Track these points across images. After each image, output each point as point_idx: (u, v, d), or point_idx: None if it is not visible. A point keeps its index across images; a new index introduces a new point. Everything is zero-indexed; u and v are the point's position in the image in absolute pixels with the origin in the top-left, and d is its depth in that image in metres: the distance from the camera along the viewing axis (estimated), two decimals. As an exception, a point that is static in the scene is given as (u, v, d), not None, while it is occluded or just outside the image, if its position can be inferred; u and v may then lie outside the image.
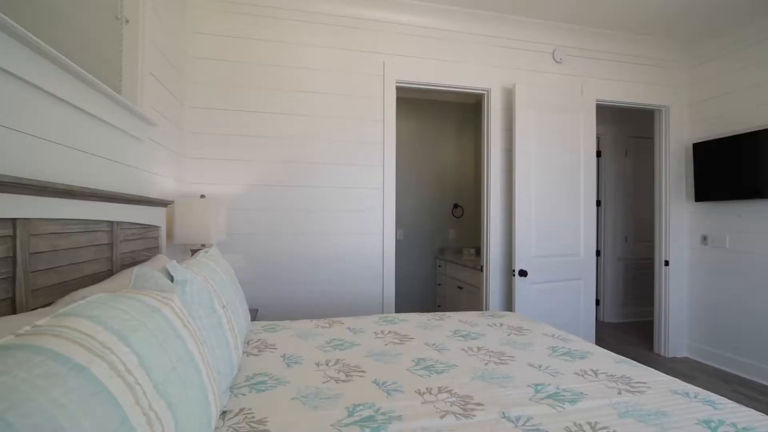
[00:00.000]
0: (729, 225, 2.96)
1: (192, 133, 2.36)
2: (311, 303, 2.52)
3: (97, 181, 1.32)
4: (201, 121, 2.37)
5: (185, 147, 2.35)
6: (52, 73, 1.03)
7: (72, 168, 1.17)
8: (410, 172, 4.26)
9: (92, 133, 1.29)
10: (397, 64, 2.65)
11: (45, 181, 0.91)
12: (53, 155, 1.08)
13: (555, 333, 1.73)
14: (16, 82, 0.93)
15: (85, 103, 1.20)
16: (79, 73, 1.10)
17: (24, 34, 0.87)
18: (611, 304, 4.37)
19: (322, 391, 1.13)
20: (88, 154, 1.26)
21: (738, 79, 2.91)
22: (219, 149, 2.40)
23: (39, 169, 1.01)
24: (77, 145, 1.20)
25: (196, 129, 2.37)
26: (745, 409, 1.07)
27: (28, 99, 0.97)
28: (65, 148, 1.14)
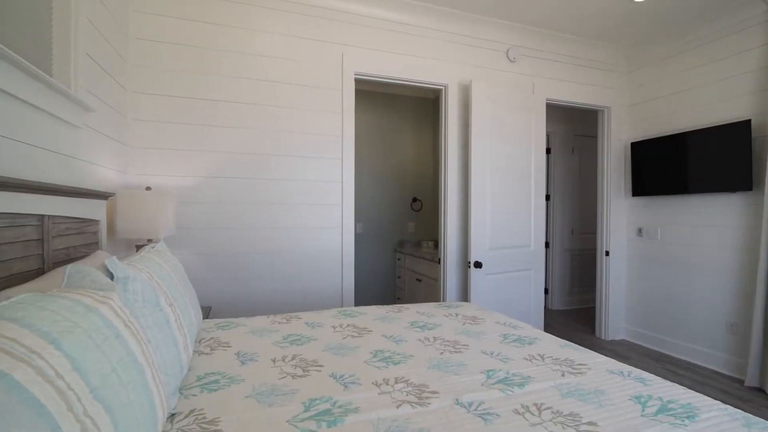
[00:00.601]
0: (661, 218, 3.23)
1: (137, 121, 2.21)
2: (268, 299, 2.47)
3: (25, 171, 1.20)
4: (147, 108, 2.22)
5: (129, 136, 2.20)
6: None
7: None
8: (370, 166, 4.26)
9: (17, 117, 1.17)
10: (356, 56, 2.63)
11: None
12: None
13: (506, 321, 1.81)
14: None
15: (8, 84, 1.08)
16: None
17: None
18: (559, 292, 4.64)
19: (278, 387, 1.11)
20: (13, 141, 1.14)
21: (670, 84, 3.17)
22: (167, 138, 2.26)
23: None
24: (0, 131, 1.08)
25: (141, 116, 2.22)
26: (670, 384, 1.18)
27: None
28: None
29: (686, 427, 0.94)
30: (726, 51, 2.80)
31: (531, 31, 3.05)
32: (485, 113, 2.78)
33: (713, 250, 2.87)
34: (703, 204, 2.93)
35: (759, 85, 2.61)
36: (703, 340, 2.94)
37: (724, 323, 2.81)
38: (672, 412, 1.01)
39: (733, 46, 2.75)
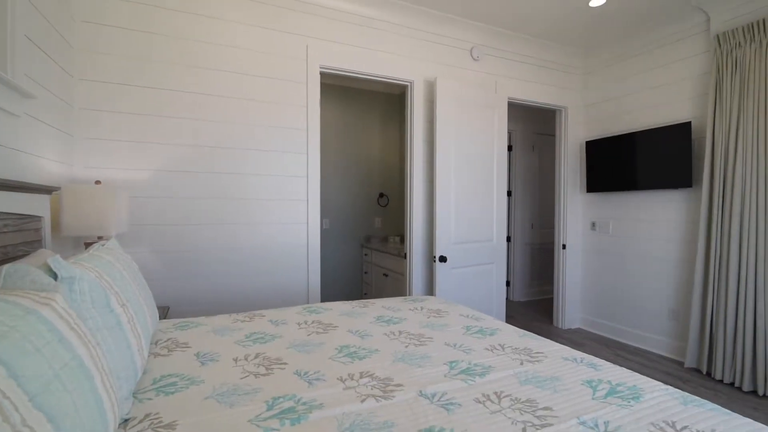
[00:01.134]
0: (612, 213, 3.43)
1: (86, 110, 2.07)
2: (231, 297, 2.39)
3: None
4: (97, 96, 2.08)
5: (77, 126, 2.05)
6: None
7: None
8: (336, 161, 4.22)
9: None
10: (321, 49, 2.59)
11: None
12: None
13: (469, 313, 1.86)
14: None
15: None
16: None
17: None
18: (520, 284, 4.82)
19: (239, 387, 1.09)
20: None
21: (621, 87, 3.35)
22: (120, 130, 2.13)
23: None
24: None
25: (90, 105, 2.08)
26: (618, 369, 1.26)
27: None
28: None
29: (632, 407, 1.01)
30: (671, 57, 2.99)
31: (494, 32, 3.13)
32: (450, 110, 2.82)
33: (658, 242, 3.09)
34: (650, 199, 3.14)
35: (699, 90, 2.82)
36: (649, 326, 3.16)
37: (667, 310, 3.03)
38: (620, 394, 1.08)
39: (677, 52, 2.95)
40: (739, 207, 2.48)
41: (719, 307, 2.57)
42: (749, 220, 2.43)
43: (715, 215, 2.60)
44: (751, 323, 2.42)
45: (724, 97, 2.56)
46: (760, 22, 2.39)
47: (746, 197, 2.45)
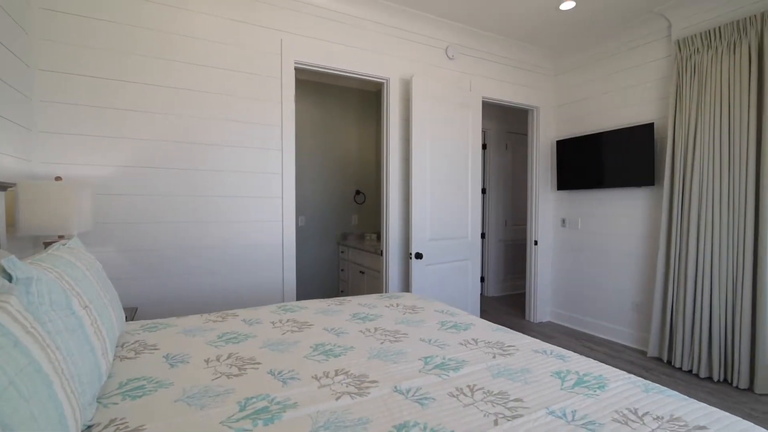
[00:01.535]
0: (581, 210, 3.56)
1: (45, 103, 1.96)
2: (203, 297, 2.33)
3: None
4: (57, 88, 1.97)
5: (35, 119, 1.94)
6: None
7: None
8: (312, 158, 4.18)
9: None
10: (296, 44, 2.55)
11: None
12: None
13: (444, 309, 1.89)
14: None
15: None
16: None
17: None
18: (494, 280, 4.93)
19: (211, 388, 1.06)
20: None
21: (589, 88, 3.47)
22: (83, 123, 2.03)
23: None
24: None
25: (50, 98, 1.97)
26: (585, 359, 1.31)
27: None
28: None
29: (597, 396, 1.05)
30: (636, 60, 3.12)
31: (469, 31, 3.17)
32: (426, 108, 2.84)
33: (623, 238, 3.22)
34: (616, 197, 3.27)
35: (661, 93, 2.95)
36: (615, 318, 3.30)
37: (631, 302, 3.18)
38: (586, 384, 1.13)
39: (642, 56, 3.08)
40: (696, 204, 2.62)
41: (679, 299, 2.72)
42: (706, 217, 2.57)
43: (675, 212, 2.74)
44: (707, 314, 2.56)
45: (684, 100, 2.69)
46: (716, 30, 2.53)
47: (703, 195, 2.59)
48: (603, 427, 0.91)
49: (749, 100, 2.37)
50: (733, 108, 2.45)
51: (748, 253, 2.39)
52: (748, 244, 2.39)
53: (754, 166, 2.37)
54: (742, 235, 2.41)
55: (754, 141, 2.36)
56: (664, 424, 0.93)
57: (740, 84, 2.41)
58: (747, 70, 2.38)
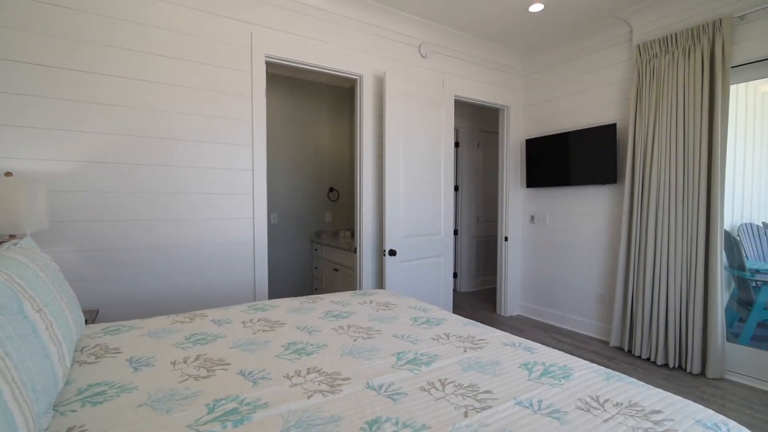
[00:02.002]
0: (549, 206, 3.68)
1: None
2: (171, 298, 2.25)
3: None
4: (4, 77, 1.84)
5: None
6: None
7: None
8: (284, 154, 4.11)
9: None
10: (267, 38, 2.49)
11: None
12: None
13: (417, 305, 1.91)
14: None
15: None
16: None
17: None
18: (466, 275, 5.03)
19: (178, 391, 1.03)
20: None
21: (556, 89, 3.59)
22: (35, 115, 1.91)
23: None
24: None
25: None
26: (551, 351, 1.36)
27: None
28: None
29: (562, 386, 1.10)
30: (600, 63, 3.25)
31: (442, 30, 3.20)
32: (399, 105, 2.85)
33: (587, 233, 3.36)
34: (581, 194, 3.40)
35: (623, 95, 3.09)
36: (580, 310, 3.44)
37: (595, 295, 3.32)
38: (552, 374, 1.17)
39: (605, 59, 3.21)
40: (654, 201, 2.76)
41: (638, 291, 2.86)
42: (663, 213, 2.72)
43: (635, 209, 2.88)
44: (664, 305, 2.71)
45: (643, 102, 2.83)
46: (672, 36, 2.67)
47: (661, 192, 2.73)
48: (567, 415, 0.95)
49: (702, 103, 2.52)
50: (688, 110, 2.59)
51: (701, 247, 2.54)
52: (700, 239, 2.54)
53: (706, 165, 2.52)
54: (695, 229, 2.57)
55: (706, 141, 2.51)
56: (623, 409, 0.98)
57: (694, 87, 2.56)
58: (700, 74, 2.53)
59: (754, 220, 3.28)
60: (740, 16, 2.41)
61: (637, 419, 0.94)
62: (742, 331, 2.83)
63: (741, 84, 2.59)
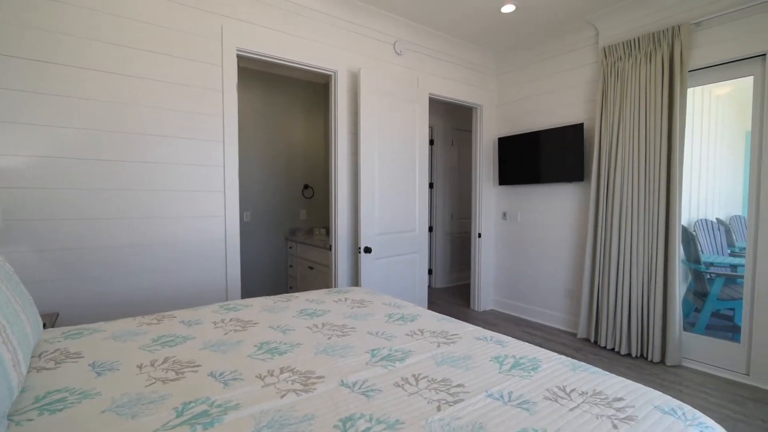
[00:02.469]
0: (520, 204, 3.77)
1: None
2: (138, 299, 2.17)
3: None
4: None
5: None
6: None
7: None
8: (258, 150, 4.02)
9: None
10: (238, 30, 2.42)
11: None
12: None
13: (392, 302, 1.92)
14: None
15: None
16: None
17: None
18: (441, 272, 5.09)
19: (144, 395, 1.00)
20: None
21: (528, 89, 3.68)
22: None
23: None
24: None
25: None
26: (521, 344, 1.40)
27: None
28: None
29: (531, 377, 1.13)
30: (569, 64, 3.35)
31: (416, 28, 3.21)
32: (374, 102, 2.85)
33: (557, 230, 3.47)
34: (550, 192, 3.51)
35: (590, 95, 3.20)
36: (550, 304, 3.56)
37: (564, 289, 3.44)
38: (522, 366, 1.20)
39: (574, 60, 3.31)
40: (619, 198, 2.89)
41: (603, 284, 2.99)
42: (626, 210, 2.84)
43: (601, 205, 3.00)
44: (627, 297, 2.84)
45: (609, 103, 2.94)
46: (636, 40, 2.79)
47: (624, 190, 2.86)
48: (536, 406, 0.98)
49: (662, 105, 2.65)
50: (649, 112, 2.72)
51: (661, 242, 2.68)
52: (660, 234, 2.68)
53: (665, 164, 2.65)
54: (655, 225, 2.70)
55: (666, 142, 2.64)
56: (588, 398, 1.02)
57: (655, 90, 2.68)
58: (660, 77, 2.65)
59: (708, 217, 3.49)
60: (696, 23, 2.54)
61: (601, 407, 0.98)
62: (698, 320, 3.01)
63: (698, 87, 2.73)
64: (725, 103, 3.32)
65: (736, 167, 3.19)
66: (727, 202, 3.54)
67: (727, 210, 3.57)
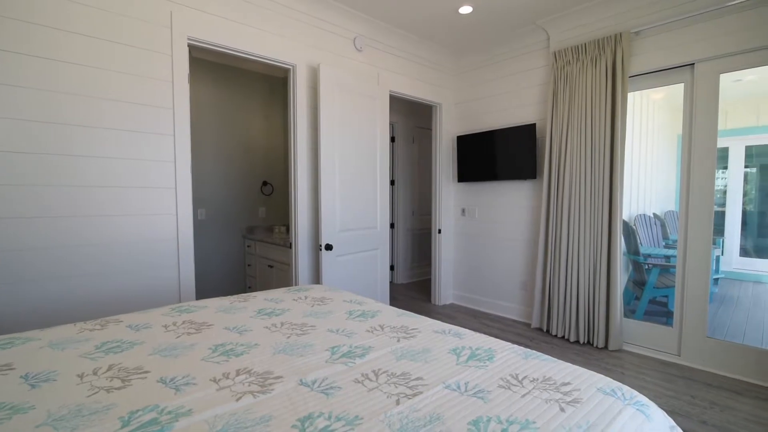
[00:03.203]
0: (478, 200, 3.89)
1: None
2: (82, 304, 2.01)
3: None
4: None
5: None
6: None
7: None
8: (213, 145, 3.86)
9: None
10: (189, 18, 2.31)
11: None
12: None
13: (353, 299, 1.92)
14: None
15: None
16: None
17: None
18: (403, 268, 5.15)
19: (85, 406, 0.93)
20: None
21: (484, 89, 3.79)
22: None
23: None
24: None
25: None
26: (478, 335, 1.44)
27: None
28: None
29: (486, 367, 1.18)
30: (523, 66, 3.49)
31: (377, 24, 3.21)
32: (334, 98, 2.82)
33: (512, 225, 3.62)
34: (506, 189, 3.65)
35: (542, 97, 3.35)
36: (506, 296, 3.71)
37: (519, 282, 3.59)
38: (478, 357, 1.25)
39: (526, 63, 3.46)
40: (568, 194, 3.05)
41: (554, 276, 3.15)
42: (574, 206, 3.01)
43: (552, 202, 3.16)
44: (575, 288, 3.02)
45: (559, 105, 3.10)
46: (583, 45, 2.95)
47: (573, 188, 3.03)
48: (490, 394, 1.02)
49: (606, 108, 2.82)
50: (595, 114, 2.89)
51: (604, 236, 2.86)
52: (604, 228, 2.86)
53: (609, 163, 2.83)
54: (599, 220, 2.88)
55: (609, 142, 2.83)
56: (539, 384, 1.08)
57: (599, 93, 2.86)
58: (604, 82, 2.83)
59: (646, 212, 3.78)
60: (636, 32, 2.73)
61: (550, 392, 1.04)
62: (637, 308, 3.26)
63: (637, 92, 2.94)
64: (661, 107, 3.61)
65: (670, 166, 3.48)
66: (662, 198, 3.86)
67: (663, 205, 3.89)
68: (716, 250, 3.44)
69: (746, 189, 3.93)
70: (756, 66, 2.36)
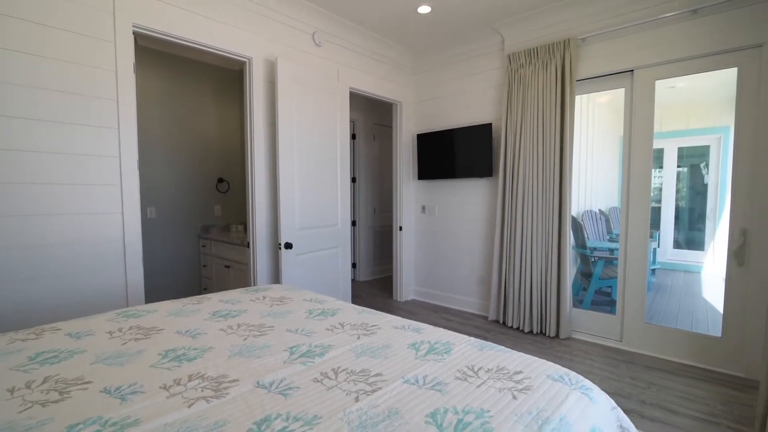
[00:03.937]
0: (438, 197, 3.97)
1: None
2: (16, 312, 1.84)
3: None
4: None
5: None
6: None
7: None
8: (163, 140, 3.65)
9: None
10: (135, 4, 2.16)
11: None
12: None
13: (314, 297, 1.90)
14: None
15: None
16: None
17: None
18: (365, 265, 5.16)
19: (17, 423, 0.86)
20: None
21: (442, 89, 3.86)
22: None
23: None
24: None
25: None
26: (436, 330, 1.48)
27: None
28: None
29: (444, 360, 1.21)
30: (479, 67, 3.59)
31: (337, 20, 3.17)
32: (292, 93, 2.76)
33: (470, 222, 3.72)
34: (464, 186, 3.75)
35: (497, 98, 3.47)
36: (465, 290, 3.82)
37: (477, 276, 3.71)
38: (436, 350, 1.28)
39: (484, 64, 3.56)
40: (521, 192, 3.19)
41: (509, 270, 3.29)
42: (527, 203, 3.15)
43: (507, 199, 3.28)
44: (528, 281, 3.17)
45: (513, 105, 3.22)
46: (535, 49, 3.08)
47: (526, 185, 3.16)
48: (447, 386, 1.05)
49: (555, 110, 2.97)
50: (545, 115, 3.03)
51: (555, 230, 3.02)
52: (554, 223, 3.02)
53: (558, 162, 2.99)
54: (550, 216, 3.04)
55: (558, 142, 2.98)
56: (493, 374, 1.12)
57: (550, 96, 3.00)
58: (554, 85, 2.97)
59: (593, 208, 4.03)
60: (582, 38, 2.89)
61: (504, 381, 1.08)
62: (585, 298, 3.47)
63: (584, 95, 3.12)
64: (605, 110, 3.85)
65: (613, 166, 3.73)
66: (607, 195, 4.14)
67: (607, 202, 4.16)
68: (653, 243, 3.74)
69: (679, 187, 4.29)
70: (686, 74, 2.58)
